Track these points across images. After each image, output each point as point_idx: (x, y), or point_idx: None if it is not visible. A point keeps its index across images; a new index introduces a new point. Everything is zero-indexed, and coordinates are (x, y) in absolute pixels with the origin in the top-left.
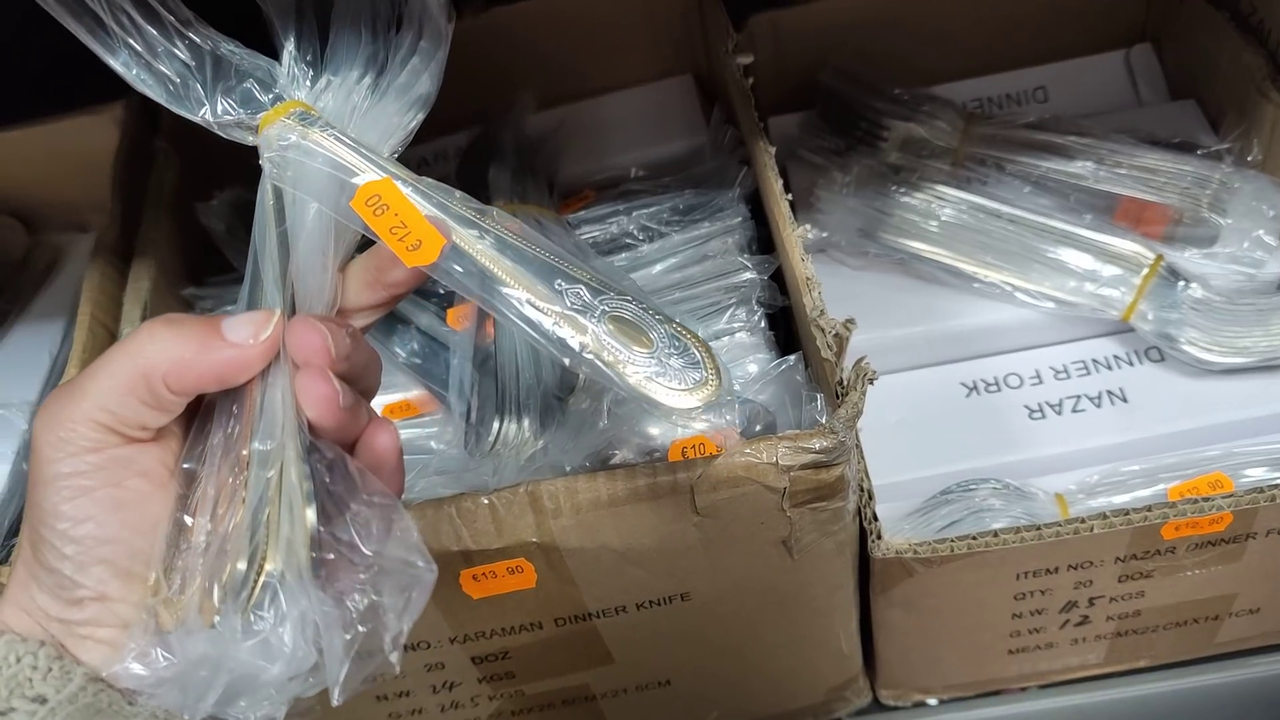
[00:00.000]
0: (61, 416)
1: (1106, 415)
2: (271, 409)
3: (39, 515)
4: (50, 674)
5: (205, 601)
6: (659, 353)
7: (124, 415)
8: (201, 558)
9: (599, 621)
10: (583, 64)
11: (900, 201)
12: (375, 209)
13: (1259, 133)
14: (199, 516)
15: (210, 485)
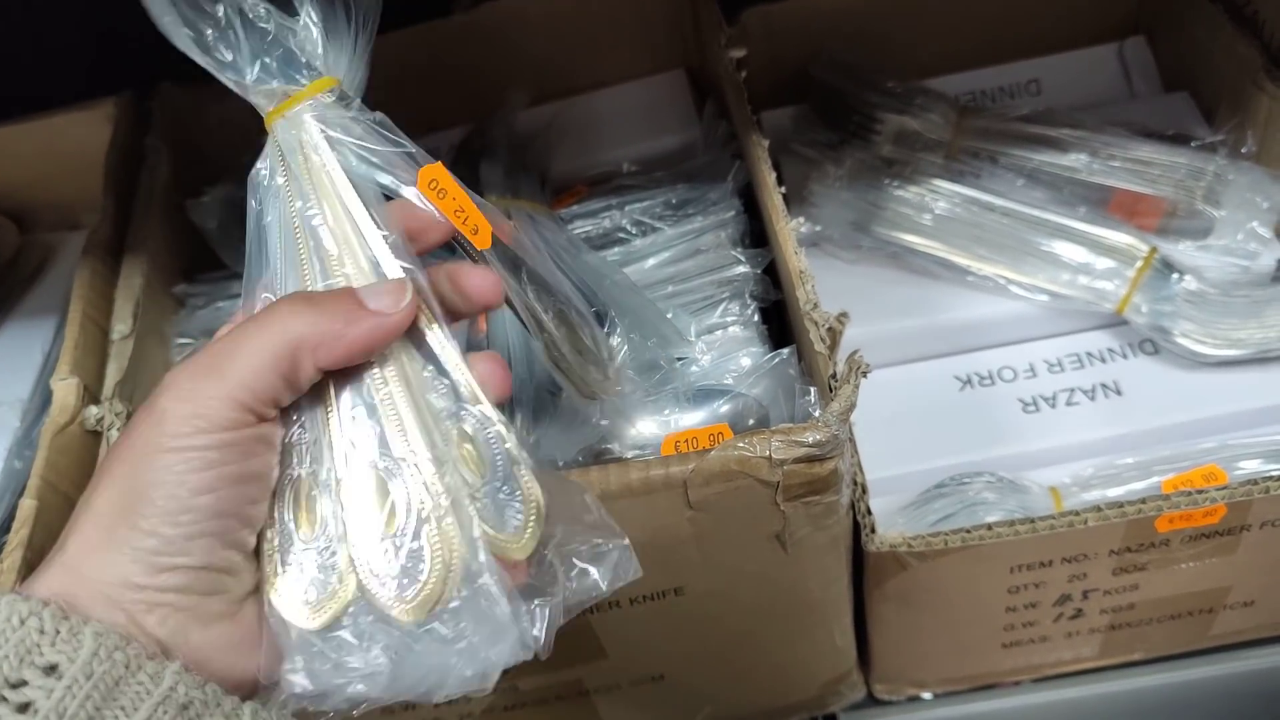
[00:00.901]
0: (199, 393)
1: (1100, 408)
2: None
3: (150, 482)
4: (59, 637)
5: (400, 603)
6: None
7: (263, 394)
8: (358, 550)
9: (592, 616)
10: (575, 60)
11: (893, 195)
12: (437, 192)
13: (1253, 125)
14: (327, 505)
15: (332, 474)
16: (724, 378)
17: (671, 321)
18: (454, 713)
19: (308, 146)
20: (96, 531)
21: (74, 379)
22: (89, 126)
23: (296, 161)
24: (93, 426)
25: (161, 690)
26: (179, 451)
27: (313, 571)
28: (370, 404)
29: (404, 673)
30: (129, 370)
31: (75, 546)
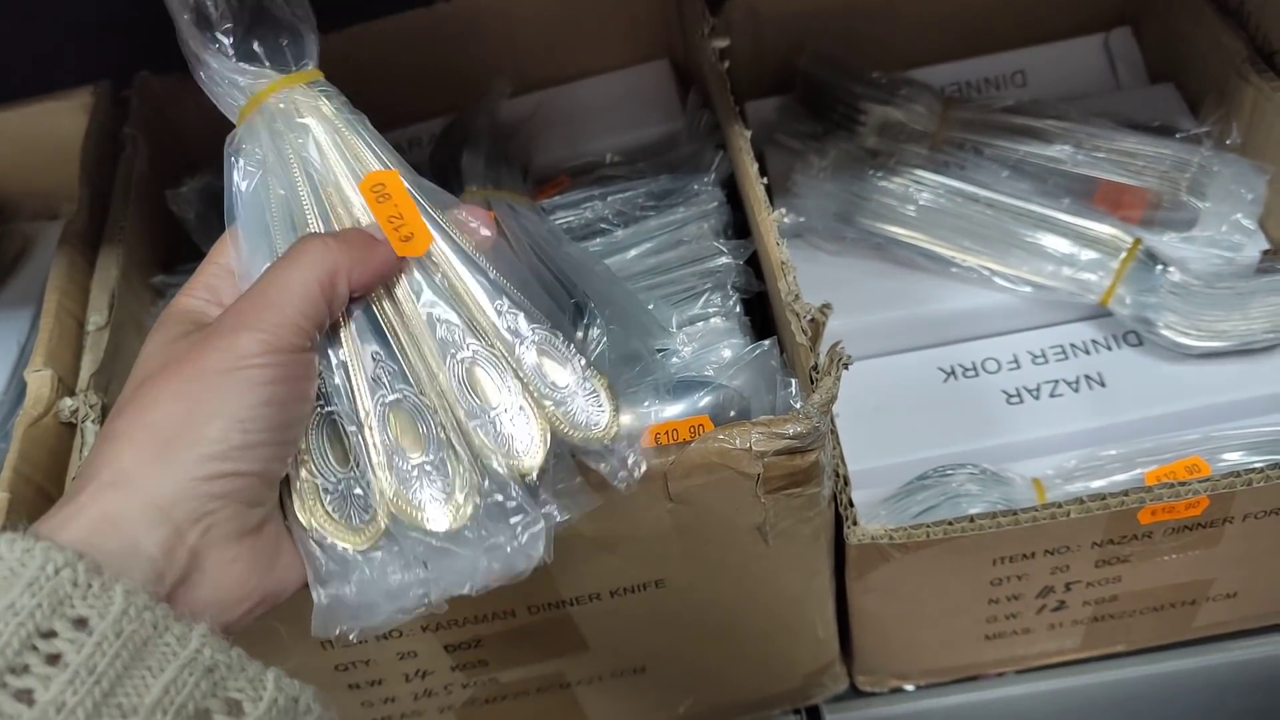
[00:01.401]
0: (265, 321)
1: (1084, 400)
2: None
3: (222, 395)
4: (90, 591)
5: (437, 510)
6: (571, 390)
7: (315, 318)
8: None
9: (573, 609)
10: (558, 49)
11: (878, 186)
12: (378, 196)
13: (1238, 116)
14: (356, 438)
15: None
16: (705, 369)
17: (653, 313)
18: (434, 705)
19: (301, 126)
20: (154, 445)
21: (48, 371)
22: (66, 116)
23: (290, 138)
24: (67, 419)
25: (188, 652)
26: (251, 369)
27: (352, 498)
28: (384, 343)
29: (440, 576)
30: (104, 362)
31: (130, 461)
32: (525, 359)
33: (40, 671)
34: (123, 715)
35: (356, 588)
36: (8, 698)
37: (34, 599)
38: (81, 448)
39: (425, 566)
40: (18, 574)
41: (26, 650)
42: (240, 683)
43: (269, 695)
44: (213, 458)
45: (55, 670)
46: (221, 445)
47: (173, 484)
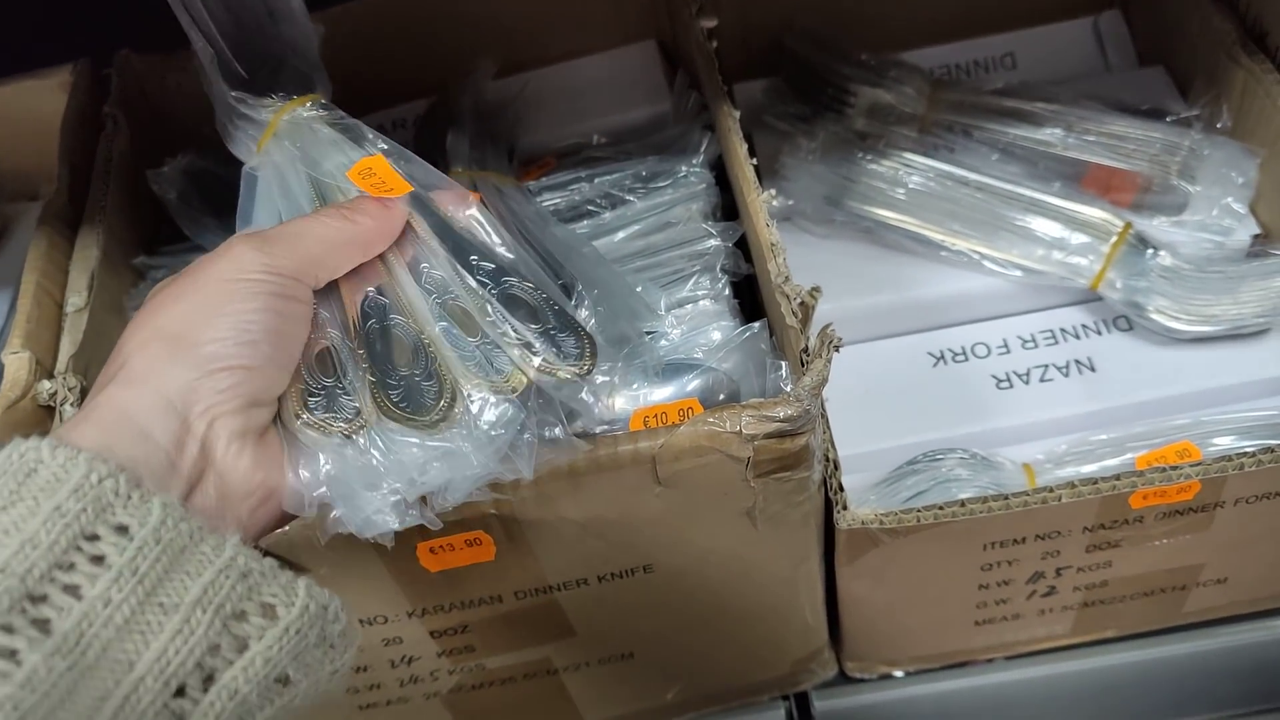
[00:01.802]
0: (272, 247)
1: (1074, 384)
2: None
3: (224, 299)
4: (130, 501)
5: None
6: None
7: (319, 269)
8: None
9: (560, 594)
10: (544, 30)
11: (866, 168)
12: (363, 174)
13: (1228, 99)
14: (349, 362)
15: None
16: (694, 352)
17: (641, 295)
18: (420, 692)
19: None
20: (162, 343)
21: (26, 353)
22: (45, 95)
23: (299, 148)
24: (45, 401)
25: (223, 559)
26: (252, 280)
27: (338, 403)
28: (380, 289)
29: (421, 476)
30: (84, 344)
31: (139, 361)
32: (498, 304)
33: (86, 570)
34: (164, 612)
35: (333, 467)
36: (57, 591)
37: (79, 503)
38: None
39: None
40: (61, 480)
41: (72, 550)
42: (274, 588)
43: (301, 600)
44: (216, 355)
45: (100, 569)
46: (223, 342)
47: (180, 377)
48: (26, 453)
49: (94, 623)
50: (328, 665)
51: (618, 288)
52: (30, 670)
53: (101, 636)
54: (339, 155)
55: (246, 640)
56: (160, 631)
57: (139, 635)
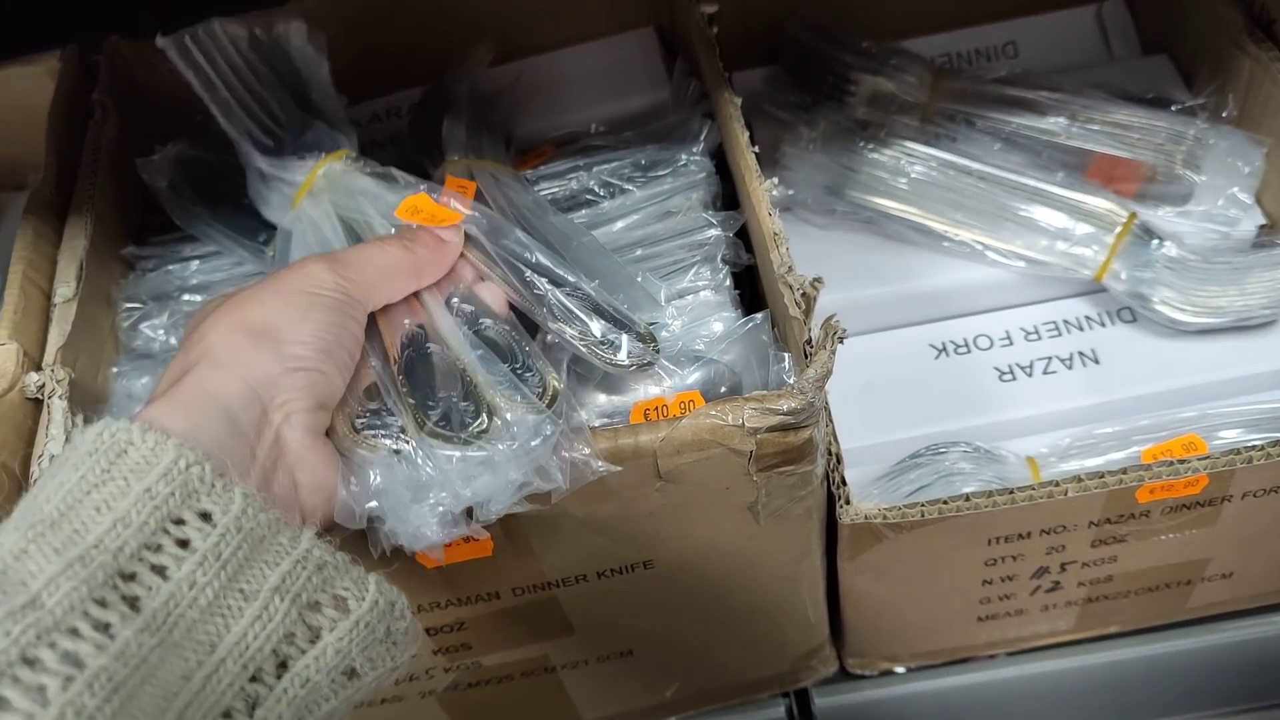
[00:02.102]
0: (342, 267)
1: (1078, 377)
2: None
3: (304, 307)
4: (214, 489)
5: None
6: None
7: (377, 295)
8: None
9: (558, 591)
10: (541, 16)
11: (868, 158)
12: (412, 211)
13: (1234, 87)
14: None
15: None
16: (695, 343)
17: (641, 285)
18: (414, 690)
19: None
20: (248, 336)
21: (13, 344)
22: (33, 81)
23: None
24: (33, 394)
25: (300, 550)
26: (324, 295)
27: (389, 424)
28: (418, 322)
29: (465, 488)
30: (72, 335)
31: (224, 350)
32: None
33: (173, 552)
34: (244, 598)
35: (382, 480)
36: (146, 570)
37: (168, 487)
38: (48, 424)
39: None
40: (151, 463)
41: (160, 532)
42: (346, 582)
43: (371, 595)
44: (297, 355)
45: (186, 553)
46: (305, 345)
47: (264, 369)
48: (118, 433)
49: (180, 603)
50: (390, 660)
51: (618, 278)
52: (123, 645)
53: (187, 617)
54: (381, 199)
55: (319, 630)
56: (240, 616)
57: (220, 618)
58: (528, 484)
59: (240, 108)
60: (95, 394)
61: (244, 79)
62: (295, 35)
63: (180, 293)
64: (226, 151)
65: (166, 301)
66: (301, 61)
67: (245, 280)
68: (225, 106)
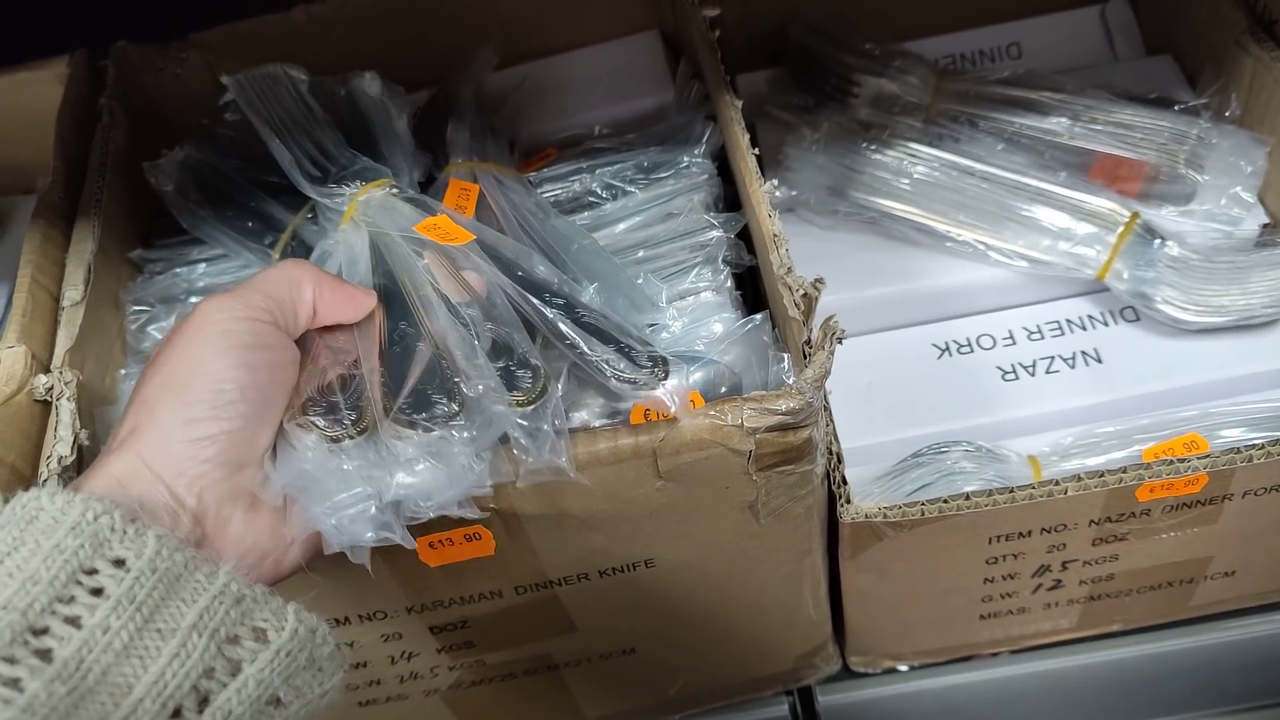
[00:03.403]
0: (239, 294)
1: (1080, 376)
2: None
3: (197, 359)
4: (126, 535)
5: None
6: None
7: (283, 305)
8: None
9: (560, 589)
10: (546, 20)
11: (871, 159)
12: (431, 229)
13: (1237, 87)
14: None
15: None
16: (695, 344)
17: (642, 287)
18: (419, 688)
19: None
20: (147, 409)
21: (21, 347)
22: (41, 86)
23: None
24: (41, 396)
25: (217, 585)
26: (221, 335)
27: (342, 415)
28: (410, 321)
29: (407, 473)
30: (80, 338)
31: (129, 424)
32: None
33: (86, 601)
34: (161, 637)
35: (310, 464)
36: (59, 622)
37: (77, 540)
38: (56, 426)
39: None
40: (59, 521)
41: (72, 584)
42: (265, 613)
43: (290, 624)
44: (193, 419)
45: (99, 600)
46: (200, 406)
47: (162, 448)
48: (28, 502)
49: (93, 649)
50: (317, 687)
51: (619, 280)
52: (31, 696)
53: (101, 662)
54: (406, 218)
55: (240, 663)
56: (157, 656)
57: (137, 659)
58: (469, 479)
59: (294, 143)
60: (103, 396)
61: (299, 118)
62: (369, 88)
63: (187, 295)
64: (233, 155)
65: (174, 304)
66: (372, 113)
67: None
68: (279, 141)
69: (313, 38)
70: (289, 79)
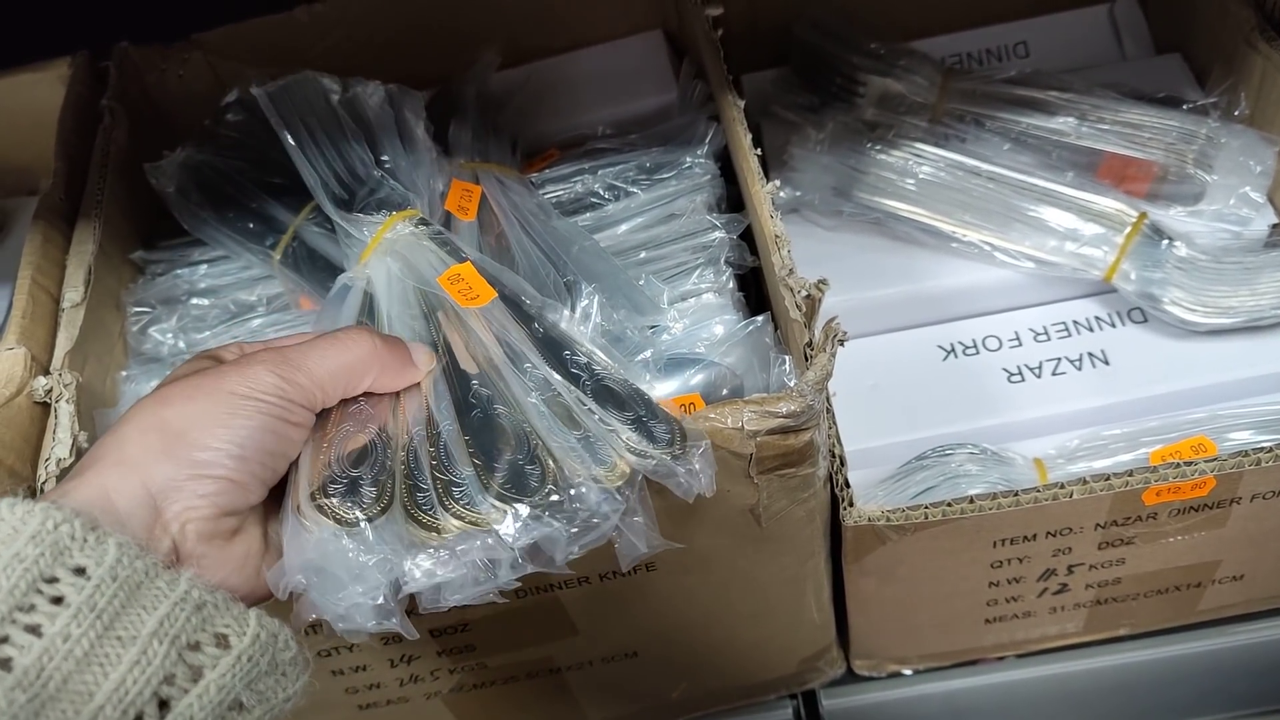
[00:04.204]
0: (289, 372)
1: (1087, 378)
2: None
3: (224, 411)
4: (87, 544)
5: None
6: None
7: (329, 395)
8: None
9: (562, 593)
10: (549, 19)
11: (876, 159)
12: (452, 280)
13: (1246, 86)
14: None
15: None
16: (697, 346)
17: (643, 289)
18: (420, 691)
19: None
20: (162, 437)
21: (21, 348)
22: (43, 87)
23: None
24: (41, 398)
25: (178, 593)
26: (260, 401)
27: (363, 495)
28: (483, 381)
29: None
30: (80, 339)
31: (136, 448)
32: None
33: (46, 610)
34: (122, 645)
35: (319, 555)
36: (19, 631)
37: (37, 549)
38: (55, 428)
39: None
40: (19, 531)
41: (32, 592)
42: (227, 619)
43: (252, 630)
44: (206, 461)
45: (59, 609)
46: (217, 452)
47: (167, 473)
48: None
49: (54, 657)
50: (280, 691)
51: (619, 281)
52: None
53: (61, 669)
54: (436, 264)
55: (201, 669)
56: (118, 663)
57: (98, 667)
58: (510, 575)
59: (322, 160)
60: (104, 398)
61: (330, 131)
62: (373, 97)
63: (188, 296)
64: (234, 157)
65: (175, 305)
66: (400, 127)
67: (252, 284)
68: (305, 158)
69: (315, 38)
70: (320, 89)
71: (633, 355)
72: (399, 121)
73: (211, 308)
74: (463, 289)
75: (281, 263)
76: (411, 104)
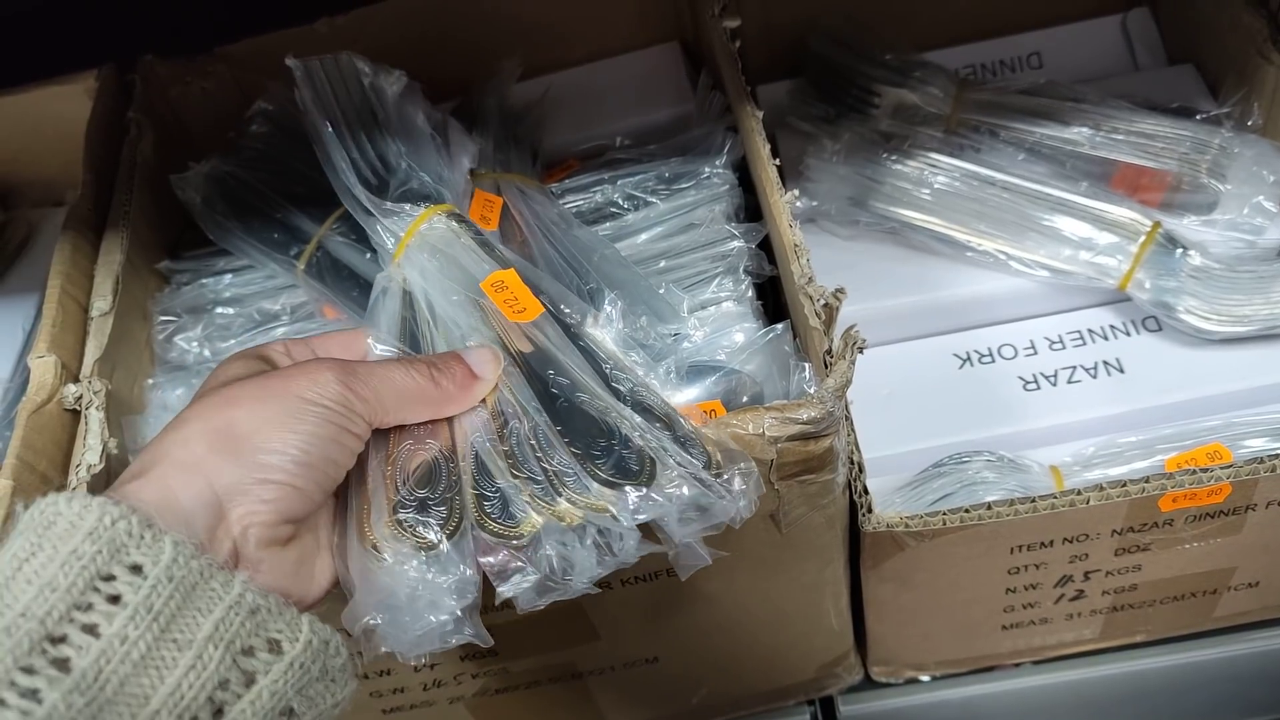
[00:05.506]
0: (355, 382)
1: (1102, 386)
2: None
3: (292, 415)
4: (143, 541)
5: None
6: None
7: (386, 417)
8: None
9: (583, 598)
10: (567, 32)
11: (892, 169)
12: (496, 288)
13: (1259, 96)
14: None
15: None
16: (717, 354)
17: (664, 297)
18: (444, 695)
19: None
20: (228, 439)
21: (51, 357)
22: (70, 100)
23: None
24: (71, 405)
25: (232, 596)
26: (326, 407)
27: (434, 514)
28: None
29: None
30: (108, 348)
31: (202, 448)
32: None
33: (104, 609)
34: (178, 649)
35: (402, 587)
36: (76, 631)
37: (94, 546)
38: (85, 434)
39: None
40: (77, 526)
41: (90, 590)
42: (280, 624)
43: (304, 636)
44: (272, 465)
45: (117, 609)
46: (282, 456)
47: (233, 475)
48: (46, 508)
49: (111, 659)
50: (330, 697)
51: (640, 290)
52: (50, 708)
53: (119, 672)
54: (475, 268)
55: (254, 675)
56: (174, 667)
57: (154, 671)
58: (592, 574)
59: (354, 144)
60: (131, 405)
61: (363, 116)
62: (392, 86)
63: (214, 305)
64: (258, 167)
65: (201, 314)
66: (396, 113)
67: (276, 294)
68: (337, 138)
69: (336, 50)
70: (354, 70)
71: (656, 362)
72: (428, 116)
73: (236, 316)
74: (508, 299)
75: (305, 272)
76: (425, 104)
